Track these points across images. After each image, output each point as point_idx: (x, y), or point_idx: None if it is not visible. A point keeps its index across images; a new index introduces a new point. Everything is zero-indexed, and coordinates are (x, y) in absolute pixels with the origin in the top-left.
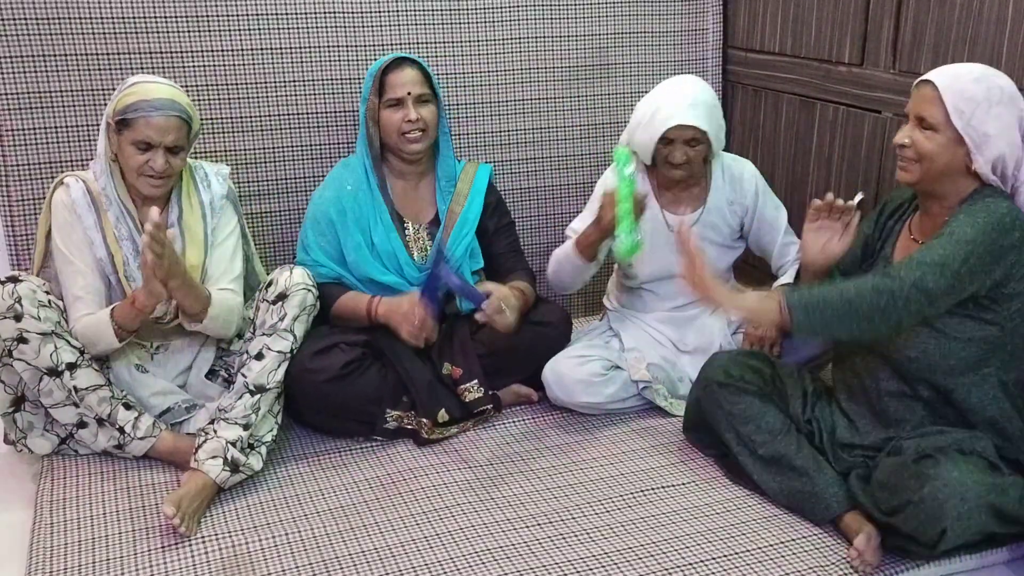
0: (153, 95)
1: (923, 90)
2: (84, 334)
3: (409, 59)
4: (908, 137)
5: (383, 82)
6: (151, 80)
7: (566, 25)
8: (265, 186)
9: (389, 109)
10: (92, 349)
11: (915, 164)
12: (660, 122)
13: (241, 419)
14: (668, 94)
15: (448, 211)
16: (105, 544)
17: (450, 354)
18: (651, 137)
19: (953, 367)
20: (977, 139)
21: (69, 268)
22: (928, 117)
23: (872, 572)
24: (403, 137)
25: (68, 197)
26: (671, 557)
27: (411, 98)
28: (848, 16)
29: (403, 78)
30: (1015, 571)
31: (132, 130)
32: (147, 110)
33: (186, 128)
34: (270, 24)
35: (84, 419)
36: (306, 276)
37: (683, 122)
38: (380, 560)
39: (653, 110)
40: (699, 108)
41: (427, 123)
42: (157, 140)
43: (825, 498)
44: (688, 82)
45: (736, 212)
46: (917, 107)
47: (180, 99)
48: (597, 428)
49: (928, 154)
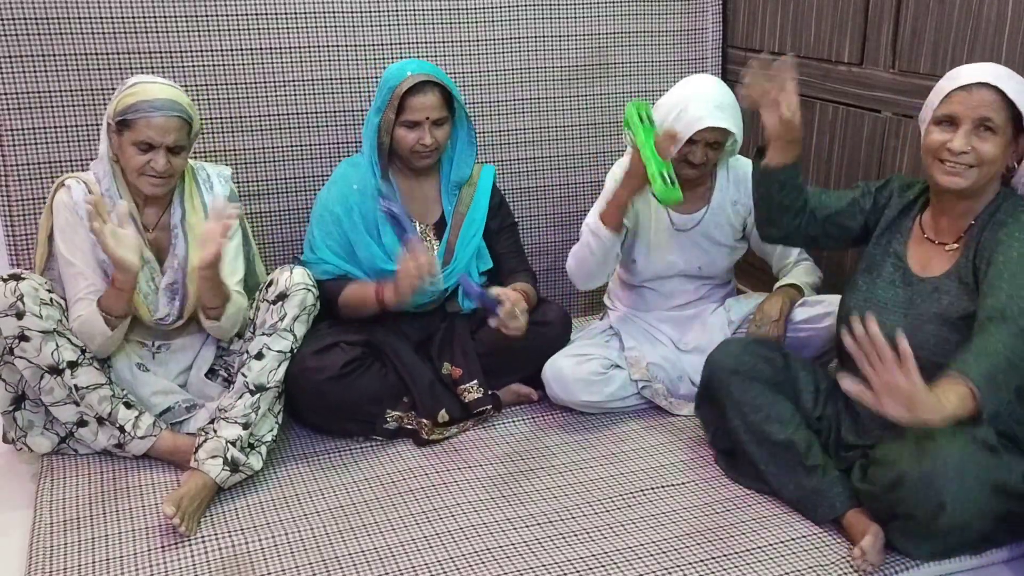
0: (153, 95)
1: (981, 94)
2: (81, 331)
3: (433, 82)
4: (968, 144)
5: (404, 102)
6: (151, 80)
7: (565, 25)
8: (266, 186)
9: (404, 128)
10: (91, 344)
11: (971, 170)
12: (688, 123)
13: (241, 418)
14: (695, 95)
15: (454, 212)
16: (105, 543)
17: (450, 354)
18: (680, 136)
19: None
20: None
21: (71, 270)
22: (994, 118)
23: (873, 572)
24: (414, 154)
25: (70, 199)
26: (671, 556)
27: (428, 123)
28: (848, 15)
29: (425, 103)
30: (1015, 571)
31: (133, 131)
32: (147, 111)
33: (187, 128)
34: (270, 24)
35: (84, 418)
36: (306, 276)
37: (714, 124)
38: (380, 560)
39: (679, 110)
40: (726, 110)
41: (440, 144)
42: (158, 140)
43: (829, 496)
44: (711, 83)
45: (739, 212)
46: (978, 111)
47: (181, 99)
48: (597, 427)
49: (992, 159)
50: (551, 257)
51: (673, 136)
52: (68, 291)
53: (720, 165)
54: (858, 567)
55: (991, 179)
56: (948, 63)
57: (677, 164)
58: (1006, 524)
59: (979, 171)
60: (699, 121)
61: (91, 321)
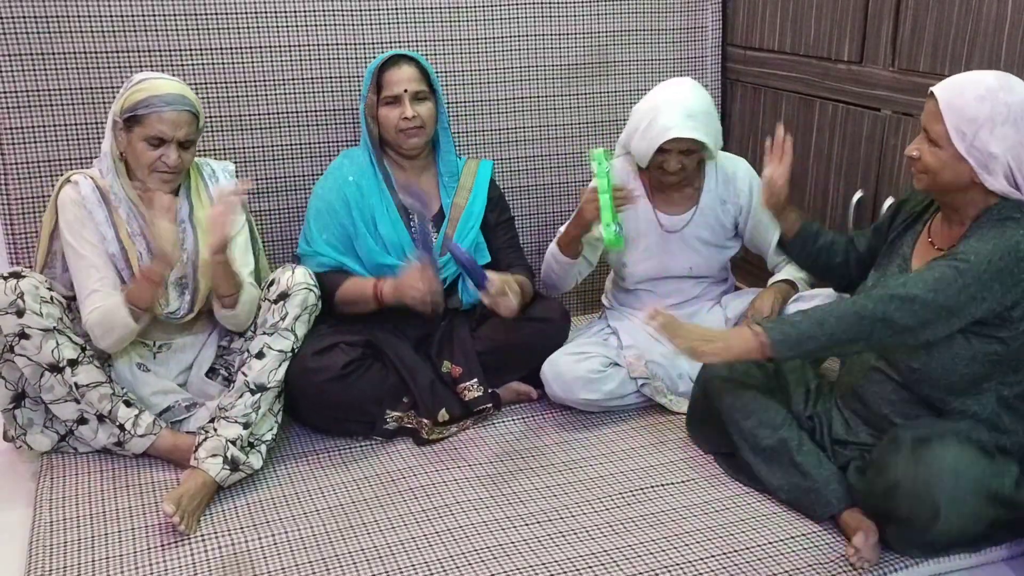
0: (163, 90)
1: (929, 103)
2: (100, 322)
3: (406, 56)
4: (916, 149)
5: (380, 79)
6: (158, 76)
7: (564, 23)
8: (266, 184)
9: (387, 106)
10: (107, 337)
11: (923, 175)
12: (657, 133)
13: (241, 418)
14: (665, 103)
15: (452, 204)
16: (104, 542)
17: (450, 353)
18: (648, 147)
19: (953, 384)
20: (981, 159)
21: (81, 263)
22: (931, 132)
23: (870, 569)
24: (401, 133)
25: (78, 194)
26: (670, 555)
27: (408, 95)
28: (847, 14)
29: (400, 75)
30: (1014, 569)
31: (144, 126)
32: (159, 105)
33: (196, 122)
34: (271, 22)
35: (84, 416)
36: (307, 276)
37: (680, 135)
38: (379, 558)
39: (650, 119)
40: (696, 119)
41: (424, 120)
42: (170, 135)
43: (825, 495)
44: (684, 89)
45: (729, 211)
46: (924, 120)
47: (188, 94)
48: (596, 426)
49: (932, 169)
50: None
51: (627, 196)
52: (80, 284)
53: (708, 165)
54: (855, 564)
55: (954, 189)
56: (948, 61)
57: (654, 171)
58: (999, 528)
59: (928, 177)
60: (666, 132)
61: (113, 313)
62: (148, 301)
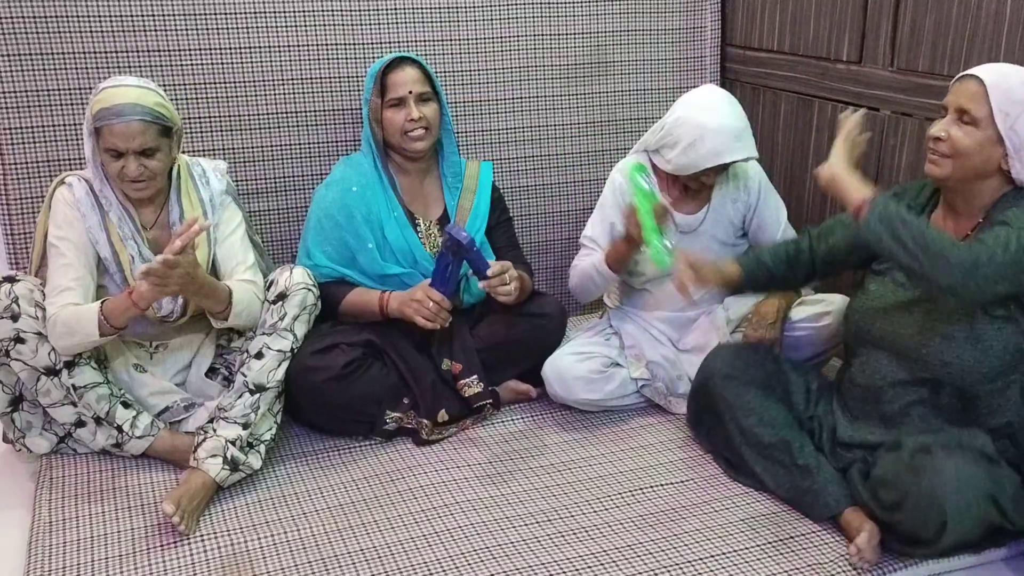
0: (112, 101)
1: (968, 84)
2: (67, 321)
3: (409, 58)
4: (945, 131)
5: (384, 82)
6: (116, 84)
7: (564, 23)
8: (264, 184)
9: (391, 109)
10: (64, 339)
11: (947, 159)
12: (706, 156)
13: (240, 418)
14: (712, 128)
15: (458, 206)
16: (104, 543)
17: (450, 350)
18: (694, 165)
19: (985, 375)
20: (1018, 143)
21: (60, 260)
22: (972, 111)
23: (871, 569)
24: (406, 136)
25: (71, 195)
26: (670, 554)
27: (412, 97)
28: (846, 14)
29: (404, 77)
30: (1013, 568)
31: (101, 138)
32: (108, 118)
33: (155, 128)
34: (271, 22)
35: (82, 418)
36: (306, 275)
37: (733, 159)
38: (379, 558)
39: (695, 137)
40: (743, 139)
41: (429, 121)
42: (123, 147)
43: (824, 496)
44: (726, 109)
45: (739, 209)
46: (959, 100)
47: (144, 100)
48: (596, 426)
49: (964, 150)
50: (551, 257)
51: (665, 213)
52: (53, 279)
53: None
54: (855, 565)
55: (977, 174)
56: (947, 61)
57: (686, 179)
58: (999, 534)
59: (954, 162)
60: (718, 156)
61: (82, 317)
62: (123, 322)
